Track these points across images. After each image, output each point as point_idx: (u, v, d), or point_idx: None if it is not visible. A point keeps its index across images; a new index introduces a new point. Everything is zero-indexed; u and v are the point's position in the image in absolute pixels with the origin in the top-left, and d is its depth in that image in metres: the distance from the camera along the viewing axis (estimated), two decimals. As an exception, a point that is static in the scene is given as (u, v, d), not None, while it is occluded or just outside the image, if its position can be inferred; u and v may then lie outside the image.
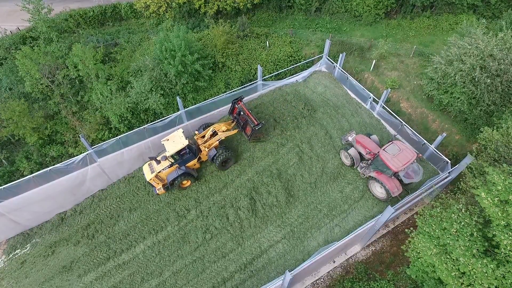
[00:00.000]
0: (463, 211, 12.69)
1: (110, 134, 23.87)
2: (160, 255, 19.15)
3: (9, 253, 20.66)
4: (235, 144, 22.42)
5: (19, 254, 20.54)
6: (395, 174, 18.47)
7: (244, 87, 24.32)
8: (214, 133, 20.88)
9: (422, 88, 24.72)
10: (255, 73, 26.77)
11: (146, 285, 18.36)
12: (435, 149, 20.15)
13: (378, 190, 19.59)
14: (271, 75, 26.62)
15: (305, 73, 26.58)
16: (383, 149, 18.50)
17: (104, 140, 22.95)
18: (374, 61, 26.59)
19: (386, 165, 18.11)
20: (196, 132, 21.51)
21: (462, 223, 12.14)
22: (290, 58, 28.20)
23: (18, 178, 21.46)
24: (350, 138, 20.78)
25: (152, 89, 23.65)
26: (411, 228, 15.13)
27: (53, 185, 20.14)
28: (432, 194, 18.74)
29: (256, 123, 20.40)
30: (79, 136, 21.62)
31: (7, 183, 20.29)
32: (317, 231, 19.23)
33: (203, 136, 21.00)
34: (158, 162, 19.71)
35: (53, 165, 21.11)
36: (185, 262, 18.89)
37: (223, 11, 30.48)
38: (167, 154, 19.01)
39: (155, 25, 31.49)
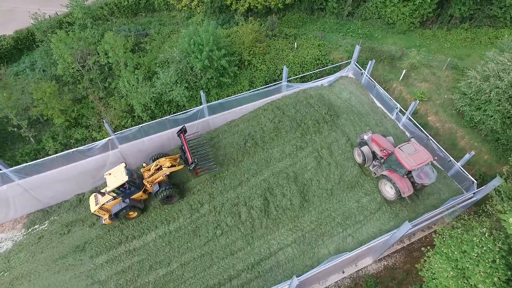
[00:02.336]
0: (486, 235, 12.04)
1: (133, 122, 24.31)
2: (170, 245, 19.33)
3: (28, 227, 21.47)
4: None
5: (37, 229, 21.30)
6: (408, 175, 18.06)
7: (268, 86, 24.18)
8: (160, 167, 20.32)
9: (453, 102, 23.75)
10: (280, 73, 26.56)
11: (154, 273, 18.59)
12: (461, 167, 19.30)
13: (387, 191, 19.14)
14: (296, 77, 26.33)
15: (331, 78, 26.12)
16: (399, 148, 18.22)
17: (127, 127, 23.41)
18: (404, 70, 25.78)
19: (400, 162, 17.74)
20: (144, 164, 21.15)
21: (484, 248, 11.51)
22: (317, 61, 27.80)
23: (43, 157, 22.28)
24: (365, 137, 20.49)
25: (177, 81, 23.91)
26: (428, 247, 14.53)
27: (75, 166, 20.74)
28: (453, 214, 17.96)
29: (190, 162, 19.58)
30: (103, 121, 22.13)
31: (32, 161, 21.10)
32: (329, 239, 18.84)
33: (150, 169, 20.43)
34: (103, 194, 19.39)
35: (77, 147, 21.74)
36: (194, 255, 18.98)
37: (254, 9, 30.43)
38: (108, 189, 18.85)
39: (186, 19, 31.84)
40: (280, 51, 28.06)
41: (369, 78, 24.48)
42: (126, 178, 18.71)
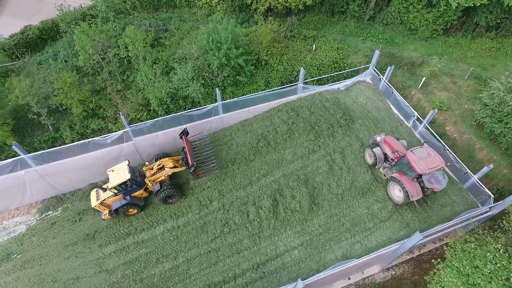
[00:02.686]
0: (501, 251, 11.66)
1: (148, 116, 24.64)
2: (177, 240, 19.50)
3: (42, 213, 22.04)
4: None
5: (50, 215, 21.84)
6: (418, 179, 17.83)
7: (283, 87, 24.09)
8: (163, 167, 20.41)
9: (473, 113, 23.12)
10: (297, 75, 26.42)
11: (160, 266, 18.79)
12: (478, 181, 18.76)
13: (396, 194, 18.86)
14: (313, 79, 26.15)
15: (348, 82, 25.81)
16: (411, 150, 18.04)
17: (142, 121, 23.78)
18: (424, 78, 25.25)
19: (411, 165, 17.54)
20: (147, 163, 21.26)
21: (498, 265, 11.15)
22: (335, 64, 27.53)
23: (60, 145, 22.88)
24: (378, 138, 20.27)
25: (194, 77, 24.09)
26: (439, 260, 14.20)
27: (90, 156, 21.17)
28: (467, 228, 17.49)
29: (190, 164, 19.62)
30: (119, 113, 22.52)
31: (50, 148, 21.68)
32: (337, 244, 18.63)
33: (152, 168, 20.53)
34: (104, 190, 19.73)
35: (93, 137, 22.20)
36: (200, 251, 19.09)
37: (273, 9, 30.39)
38: (109, 186, 19.03)
39: (206, 16, 32.06)
40: (298, 53, 27.92)
41: (387, 84, 24.08)
42: (128, 176, 18.91)
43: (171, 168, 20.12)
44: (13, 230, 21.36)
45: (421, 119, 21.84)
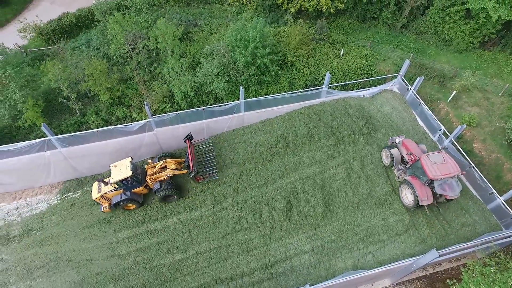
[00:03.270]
0: (522, 279, 11.08)
1: (171, 108, 25.03)
2: (189, 232, 19.73)
3: (63, 193, 22.84)
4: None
5: (70, 196, 22.60)
6: (430, 184, 17.54)
7: (307, 90, 23.88)
8: (165, 167, 20.64)
9: (504, 132, 22.11)
10: (322, 78, 26.12)
11: (170, 257, 19.07)
12: (504, 202, 17.92)
13: (407, 197, 18.69)
14: (338, 84, 25.77)
15: (375, 90, 25.27)
16: (426, 155, 17.84)
17: (165, 112, 24.19)
18: (454, 92, 24.35)
19: (423, 169, 17.31)
20: (150, 161, 21.36)
21: (518, 292, 10.61)
22: (362, 71, 27.02)
23: (86, 130, 23.65)
24: (397, 140, 20.14)
25: (219, 74, 24.27)
26: (454, 280, 13.67)
27: (113, 142, 21.74)
28: (487, 250, 16.75)
29: (191, 169, 19.76)
30: (144, 103, 23.01)
31: (76, 132, 22.44)
32: (348, 253, 18.30)
33: (154, 167, 20.78)
34: (106, 183, 20.14)
35: (117, 124, 22.77)
36: (211, 246, 19.24)
37: (304, 11, 30.16)
38: (111, 180, 19.37)
39: (236, 14, 32.22)
40: (325, 56, 27.59)
41: (414, 95, 23.40)
42: (130, 173, 19.33)
43: (173, 169, 20.50)
44: (35, 207, 22.26)
45: (448, 133, 21.10)
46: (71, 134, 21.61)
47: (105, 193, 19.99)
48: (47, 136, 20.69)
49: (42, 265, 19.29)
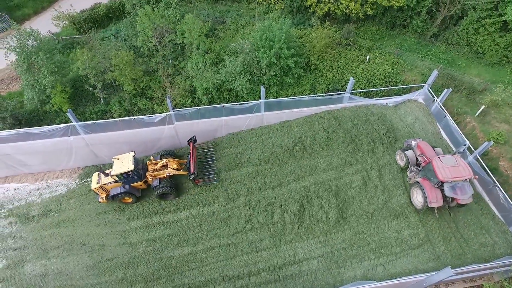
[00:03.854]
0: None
1: (192, 103, 25.29)
2: (200, 227, 19.88)
3: (82, 178, 23.50)
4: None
5: (89, 182, 23.19)
6: (441, 187, 17.54)
7: (329, 94, 23.60)
8: (167, 166, 20.89)
9: (533, 152, 21.12)
10: (345, 84, 25.72)
11: (180, 249, 19.29)
12: (527, 225, 17.15)
13: (417, 199, 18.68)
14: (361, 90, 25.32)
15: (398, 99, 24.67)
16: (439, 157, 17.92)
17: (186, 107, 24.49)
18: (483, 106, 23.44)
19: (434, 172, 17.33)
20: (152, 157, 21.60)
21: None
22: (387, 79, 26.43)
23: (108, 118, 24.22)
24: (413, 142, 20.22)
25: (242, 72, 24.33)
26: (467, 302, 13.16)
27: (133, 132, 22.18)
28: (506, 273, 16.05)
29: (191, 171, 20.02)
30: (166, 97, 23.34)
31: (99, 119, 22.99)
32: (359, 262, 17.98)
33: (156, 164, 21.02)
34: (107, 175, 20.30)
35: (138, 115, 23.22)
36: (220, 242, 19.32)
37: (332, 15, 29.80)
38: (112, 172, 19.56)
39: (263, 13, 32.22)
40: (350, 61, 27.17)
41: (440, 107, 22.69)
42: (132, 167, 19.55)
43: (174, 169, 20.73)
44: (55, 189, 23.02)
45: (473, 149, 20.36)
46: (94, 121, 22.22)
47: (105, 184, 20.31)
48: (71, 122, 21.32)
49: (57, 246, 19.93)
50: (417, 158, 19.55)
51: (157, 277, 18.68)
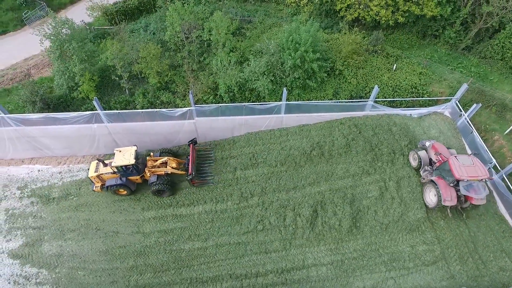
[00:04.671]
0: None
1: (214, 100, 25.52)
2: (212, 223, 20.05)
3: (102, 165, 24.10)
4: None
5: (108, 169, 23.80)
6: (456, 187, 17.62)
7: (352, 101, 23.26)
8: (166, 163, 21.23)
9: None
10: (369, 91, 25.27)
11: (190, 244, 19.53)
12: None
13: (430, 197, 18.77)
14: (385, 99, 24.80)
15: (423, 110, 23.97)
16: (455, 156, 18.10)
17: (207, 103, 24.75)
18: (513, 124, 22.49)
19: (450, 170, 17.46)
20: (152, 154, 21.93)
21: None
22: (413, 89, 25.74)
23: (132, 109, 24.78)
24: (427, 143, 20.17)
25: (265, 72, 24.33)
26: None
27: (153, 125, 22.64)
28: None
29: (189, 172, 20.28)
30: (189, 92, 23.65)
31: (122, 109, 23.55)
32: (369, 274, 17.64)
33: (156, 160, 21.33)
34: (106, 165, 20.55)
35: (161, 108, 23.64)
36: (230, 240, 19.42)
37: (361, 20, 29.32)
38: (113, 164, 19.84)
39: (291, 15, 32.06)
40: (376, 69, 26.67)
41: (467, 122, 21.91)
42: (133, 162, 19.90)
43: (172, 168, 21.02)
44: (76, 174, 23.76)
45: (499, 168, 19.55)
46: (118, 111, 22.79)
47: (102, 174, 20.73)
48: (96, 110, 21.96)
49: (74, 229, 20.59)
50: (430, 159, 19.56)
51: (166, 268, 18.99)
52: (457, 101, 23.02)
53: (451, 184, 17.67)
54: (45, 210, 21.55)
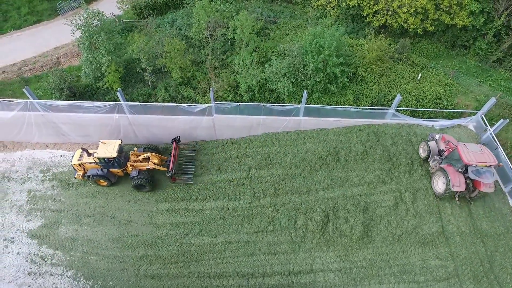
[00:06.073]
0: None
1: (233, 98, 25.71)
2: (223, 220, 20.23)
3: (121, 155, 24.72)
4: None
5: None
6: (465, 174, 17.98)
7: (373, 108, 22.90)
8: (148, 159, 21.59)
9: None
10: (391, 100, 24.81)
11: (200, 238, 19.78)
12: None
13: (439, 185, 19.12)
14: (407, 108, 24.28)
15: (446, 123, 23.30)
16: (464, 144, 18.69)
17: (227, 101, 24.94)
18: (541, 143, 21.55)
19: (459, 155, 17.95)
20: (135, 148, 22.29)
21: None
22: (437, 100, 25.07)
23: (153, 102, 25.28)
24: (437, 136, 20.56)
25: (286, 74, 24.30)
26: None
27: (172, 119, 22.99)
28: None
29: (169, 169, 20.70)
30: (209, 88, 23.93)
31: (144, 102, 24.06)
32: (377, 284, 17.39)
33: (139, 155, 21.67)
34: (89, 155, 21.03)
35: (181, 103, 24.03)
36: (240, 238, 19.54)
37: (388, 27, 28.82)
38: (95, 155, 20.30)
39: (317, 18, 31.88)
40: (399, 77, 26.15)
41: (492, 137, 21.15)
42: (114, 155, 20.32)
43: (154, 163, 21.40)
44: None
45: (523, 187, 18.81)
46: (140, 103, 23.32)
47: (85, 162, 21.37)
48: (119, 101, 22.55)
49: (90, 215, 21.23)
50: (439, 150, 19.93)
51: (175, 260, 19.31)
52: (483, 115, 22.26)
53: (460, 170, 18.12)
54: (64, 194, 22.32)
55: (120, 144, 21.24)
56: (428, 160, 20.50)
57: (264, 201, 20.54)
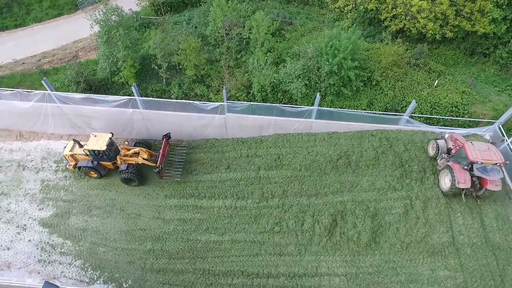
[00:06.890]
0: None
1: (246, 98, 25.74)
2: (230, 218, 20.28)
3: (131, 149, 25.03)
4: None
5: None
6: (470, 170, 17.97)
7: (386, 113, 22.62)
8: (138, 154, 21.86)
9: None
10: (405, 106, 24.45)
11: (207, 235, 19.87)
12: None
13: (445, 182, 19.17)
14: (421, 115, 23.88)
15: (462, 131, 22.79)
16: (471, 142, 18.71)
17: (240, 100, 25.00)
18: (561, 157, 20.88)
19: (465, 153, 17.99)
20: (126, 143, 22.72)
21: None
22: (454, 108, 24.57)
23: (166, 98, 25.52)
24: (446, 135, 20.71)
25: (300, 76, 24.22)
26: None
27: (184, 116, 23.17)
28: None
29: (157, 165, 20.82)
30: (223, 87, 24.03)
31: (158, 98, 24.29)
32: (383, 292, 17.12)
33: (129, 149, 22.01)
34: (81, 146, 21.28)
35: (194, 100, 24.19)
36: (246, 238, 19.55)
37: (406, 32, 28.41)
38: (85, 147, 20.72)
39: (333, 20, 31.67)
40: (415, 83, 25.74)
41: (509, 148, 20.63)
42: (103, 148, 20.62)
43: (143, 159, 21.60)
44: (108, 154, 24.85)
45: (539, 202, 18.28)
46: (153, 98, 23.57)
47: (76, 154, 21.77)
48: (134, 96, 22.84)
49: (99, 207, 21.57)
50: (448, 148, 20.04)
51: (181, 256, 19.45)
52: (500, 125, 21.73)
53: (465, 167, 18.11)
54: (76, 185, 22.73)
55: (110, 138, 21.61)
56: (436, 158, 20.52)
57: (272, 201, 20.50)
